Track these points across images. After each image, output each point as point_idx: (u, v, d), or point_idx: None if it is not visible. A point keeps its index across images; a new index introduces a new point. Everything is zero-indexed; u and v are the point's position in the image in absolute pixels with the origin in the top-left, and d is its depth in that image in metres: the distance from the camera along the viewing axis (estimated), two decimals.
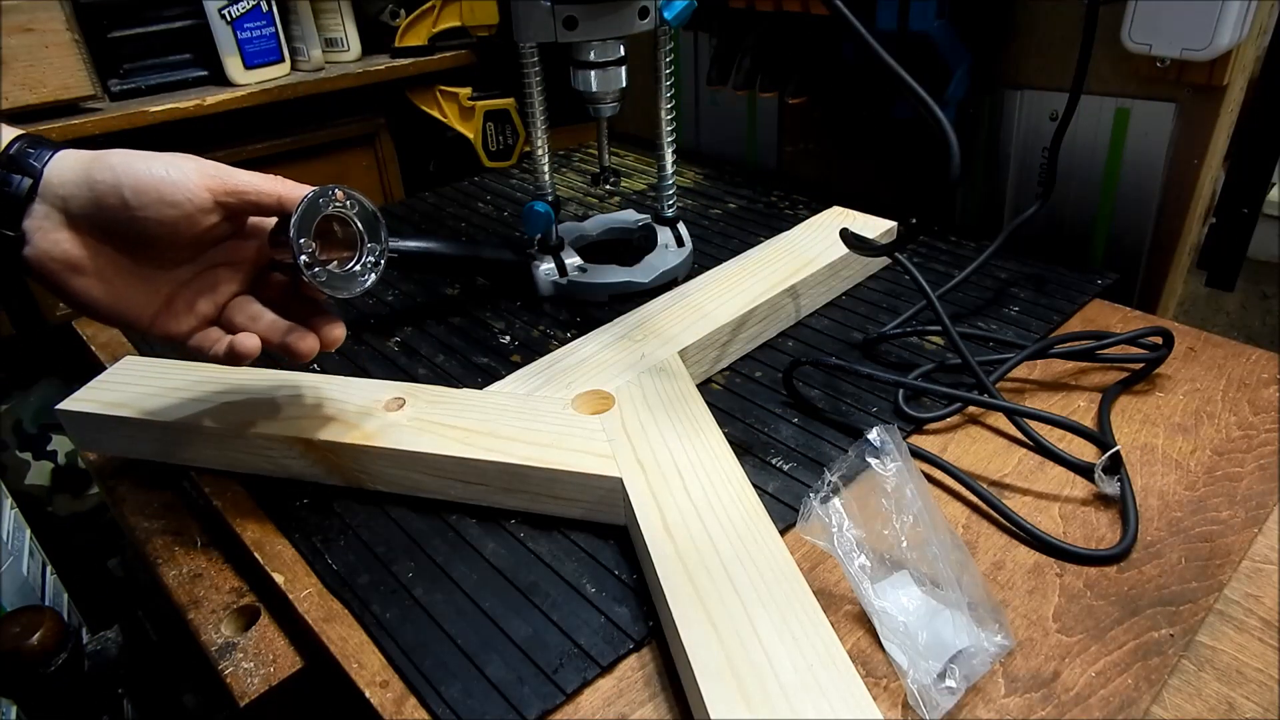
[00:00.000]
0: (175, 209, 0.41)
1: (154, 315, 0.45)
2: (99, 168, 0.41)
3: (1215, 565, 0.44)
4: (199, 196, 0.42)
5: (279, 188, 0.44)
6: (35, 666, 0.64)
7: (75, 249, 0.41)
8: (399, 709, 0.38)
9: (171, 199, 0.41)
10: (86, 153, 0.42)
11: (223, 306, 0.47)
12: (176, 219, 0.41)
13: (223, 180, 0.43)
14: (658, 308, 0.64)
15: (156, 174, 0.41)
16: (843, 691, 0.34)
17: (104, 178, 0.40)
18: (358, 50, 1.23)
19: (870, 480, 0.42)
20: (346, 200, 0.46)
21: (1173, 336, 0.57)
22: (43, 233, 0.40)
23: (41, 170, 0.40)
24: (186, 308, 0.46)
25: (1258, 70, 0.67)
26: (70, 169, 0.41)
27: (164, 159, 0.42)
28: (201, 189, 0.42)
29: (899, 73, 0.47)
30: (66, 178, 0.41)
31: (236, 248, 0.47)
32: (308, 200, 0.44)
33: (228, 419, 0.51)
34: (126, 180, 0.40)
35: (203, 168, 0.42)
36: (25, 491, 1.17)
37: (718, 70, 0.88)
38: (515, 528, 0.48)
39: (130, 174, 0.40)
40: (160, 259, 0.44)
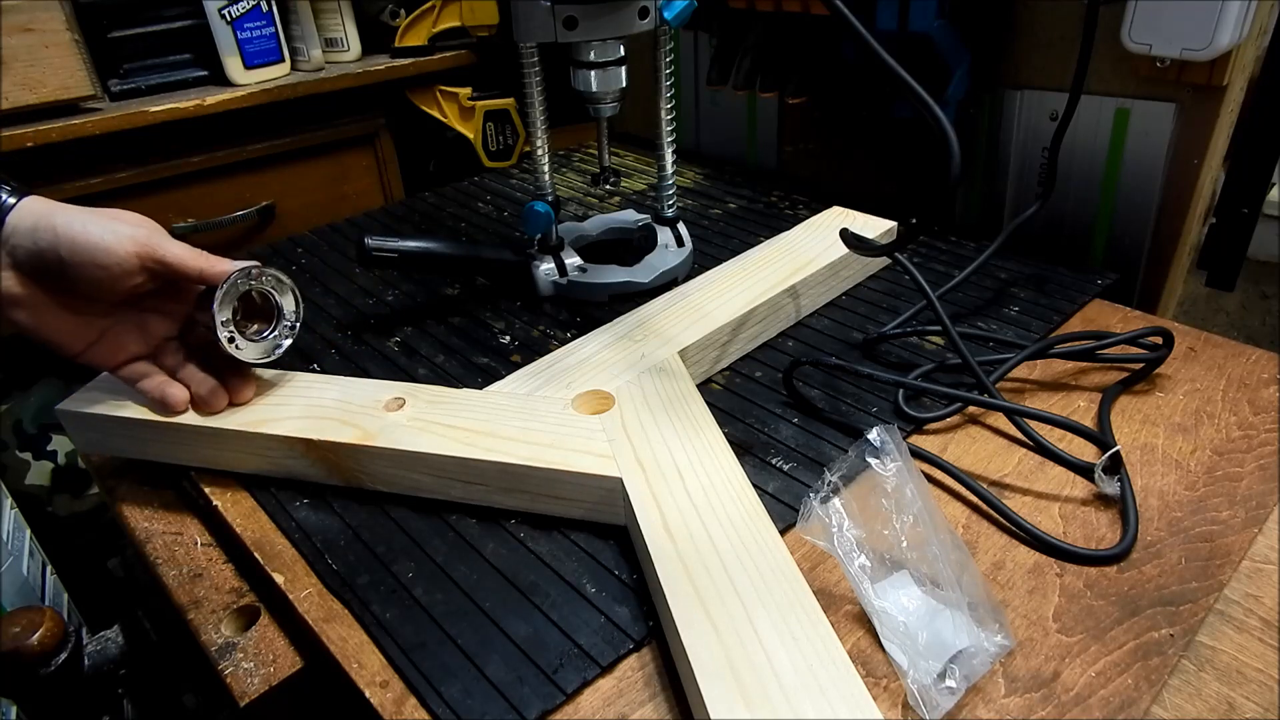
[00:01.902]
0: (104, 270, 0.47)
1: (86, 346, 0.51)
2: (43, 227, 0.46)
3: (1215, 565, 0.44)
4: (127, 262, 0.47)
5: (201, 263, 0.50)
6: (35, 666, 0.63)
7: (20, 289, 0.47)
8: (399, 709, 0.38)
9: (102, 262, 0.47)
10: (41, 206, 0.47)
11: (154, 346, 0.53)
12: (104, 278, 0.47)
13: (151, 250, 0.48)
14: (658, 308, 0.64)
15: (92, 239, 0.46)
16: (843, 691, 0.34)
17: (45, 237, 0.46)
18: (358, 50, 1.23)
19: (870, 480, 0.42)
20: (263, 277, 0.53)
21: (1173, 336, 0.57)
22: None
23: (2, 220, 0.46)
24: (117, 345, 0.52)
25: (1258, 70, 0.67)
26: (24, 221, 0.46)
27: (102, 224, 0.47)
28: (131, 256, 0.47)
29: (899, 73, 0.47)
30: (19, 228, 0.46)
31: (169, 299, 0.53)
32: (228, 284, 0.51)
33: (228, 419, 0.51)
34: (64, 242, 0.46)
35: (136, 235, 0.48)
36: (25, 491, 1.17)
37: (718, 70, 0.88)
38: (515, 528, 0.48)
39: (68, 237, 0.46)
40: (93, 304, 0.49)
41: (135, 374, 0.52)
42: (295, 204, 1.18)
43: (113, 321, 0.51)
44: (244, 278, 0.52)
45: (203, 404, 0.52)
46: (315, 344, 0.67)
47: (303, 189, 1.19)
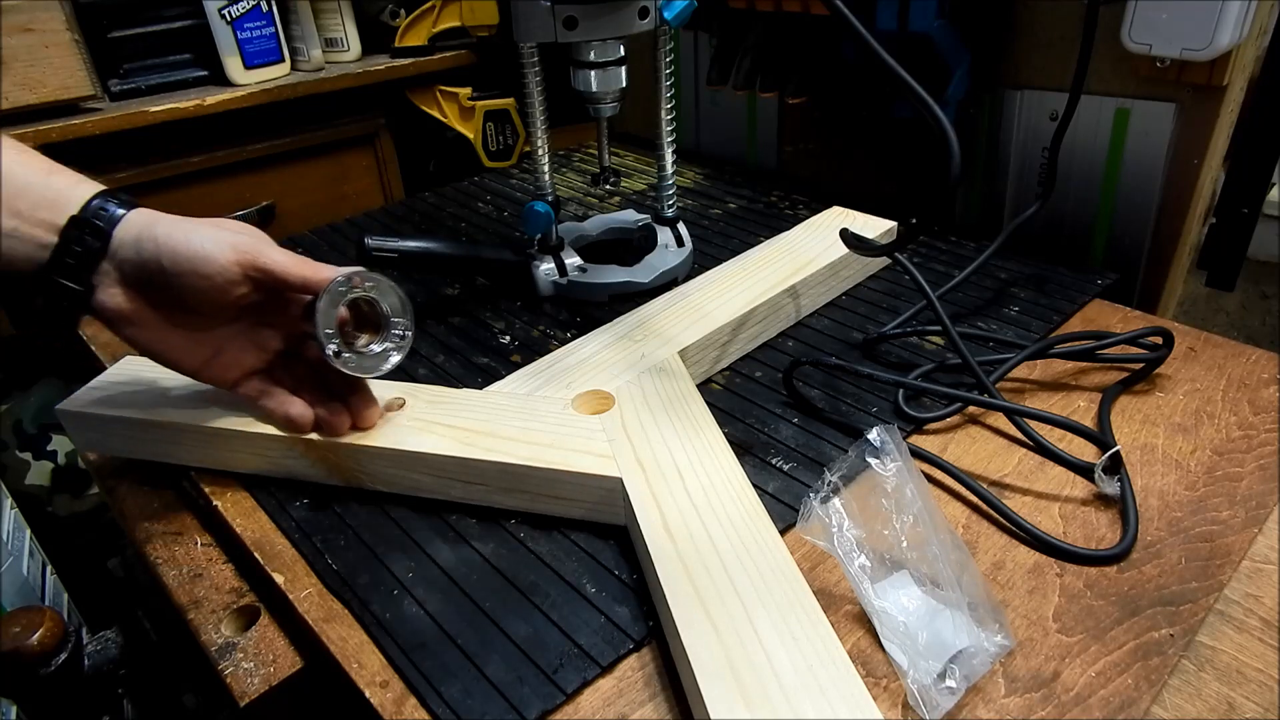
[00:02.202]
0: (207, 280, 0.45)
1: (202, 364, 0.49)
2: (146, 237, 0.45)
3: (1215, 565, 0.44)
4: (229, 271, 0.45)
5: (304, 271, 0.47)
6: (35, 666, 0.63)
7: (130, 304, 0.45)
8: (399, 709, 0.38)
9: (204, 272, 0.45)
10: (145, 217, 0.45)
11: (269, 361, 0.51)
12: (208, 289, 0.45)
13: (254, 257, 0.46)
14: (658, 308, 0.64)
15: (193, 248, 0.44)
16: (843, 691, 0.34)
17: (148, 247, 0.44)
18: (358, 50, 1.23)
19: (870, 480, 0.42)
20: (367, 283, 0.49)
21: (1173, 336, 0.57)
22: (104, 288, 0.45)
23: (111, 232, 0.44)
24: (232, 360, 0.50)
25: (1258, 70, 0.67)
26: (129, 234, 0.45)
27: (204, 232, 0.45)
28: (232, 265, 0.45)
29: (899, 73, 0.47)
30: (125, 241, 0.45)
31: (277, 311, 0.50)
32: (329, 293, 0.47)
33: (228, 419, 0.51)
34: (165, 253, 0.44)
35: (239, 243, 0.46)
36: (25, 491, 1.17)
37: (718, 70, 0.88)
38: (515, 528, 0.48)
39: (170, 247, 0.44)
40: (201, 318, 0.47)
41: (254, 391, 0.50)
42: (295, 204, 1.18)
43: (227, 337, 0.49)
44: (344, 286, 0.48)
45: (324, 426, 0.50)
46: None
47: (303, 189, 1.19)
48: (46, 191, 0.44)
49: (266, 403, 0.50)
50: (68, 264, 0.44)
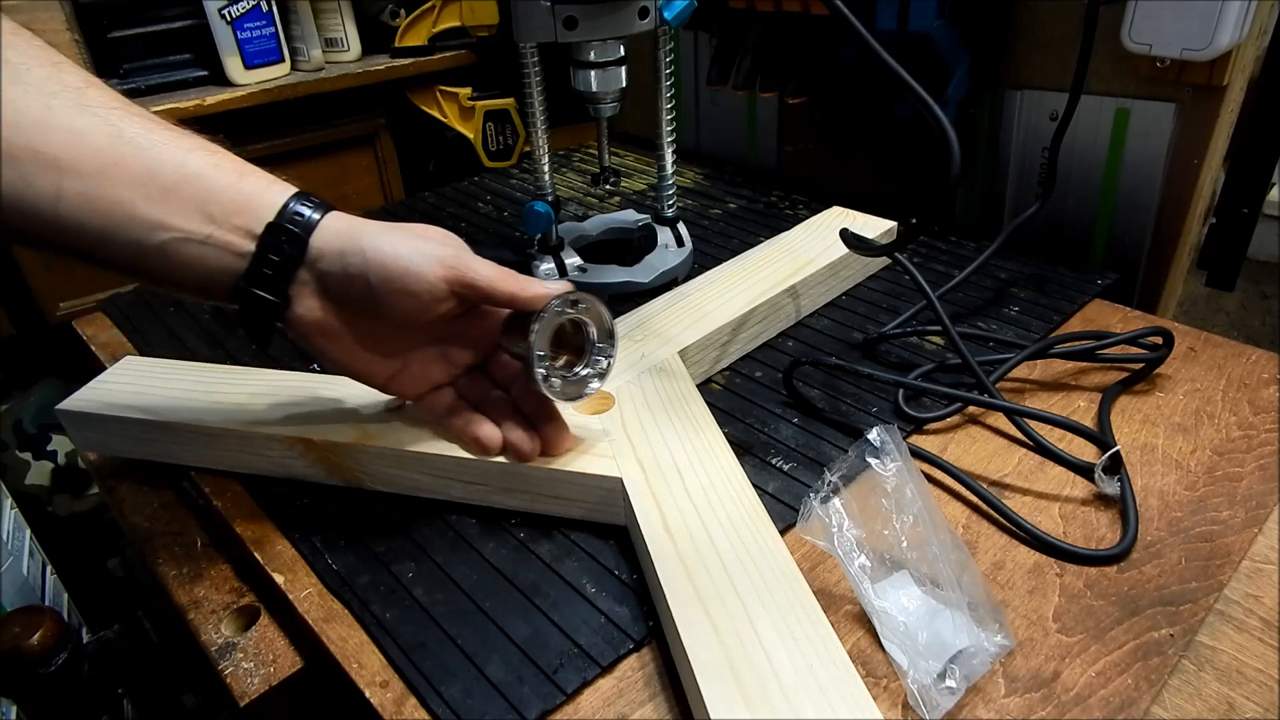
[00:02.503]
0: (413, 298, 0.43)
1: (390, 377, 0.47)
2: (351, 250, 0.42)
3: (1215, 565, 0.44)
4: (437, 288, 0.43)
5: (512, 286, 0.44)
6: (35, 666, 0.64)
7: (325, 316, 0.43)
8: (399, 709, 0.38)
9: (411, 289, 0.42)
10: (345, 224, 0.43)
11: (456, 375, 0.49)
12: (413, 305, 0.43)
13: (460, 272, 0.43)
14: (658, 308, 0.64)
15: (402, 264, 0.42)
16: (843, 691, 0.34)
17: (354, 261, 0.42)
18: (358, 50, 1.23)
19: (870, 480, 0.42)
20: (581, 304, 0.46)
21: (1173, 336, 0.57)
22: (301, 298, 0.43)
23: (308, 240, 0.42)
24: (420, 374, 0.48)
25: (1258, 70, 0.67)
26: (329, 244, 0.42)
27: (410, 242, 0.43)
28: (440, 281, 0.43)
29: (899, 73, 0.47)
30: (325, 251, 0.42)
31: (470, 324, 0.47)
32: (546, 313, 0.44)
33: (228, 419, 0.51)
34: (374, 268, 0.42)
35: (444, 256, 0.43)
36: (25, 491, 1.18)
37: (718, 70, 0.88)
38: (515, 528, 0.48)
39: (378, 262, 0.42)
40: (397, 333, 0.45)
41: (439, 407, 0.48)
42: None
43: (416, 349, 0.47)
44: (563, 304, 0.45)
45: (514, 451, 0.47)
46: None
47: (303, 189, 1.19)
48: (239, 196, 0.41)
49: (454, 420, 0.48)
50: (265, 274, 0.41)
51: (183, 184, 0.39)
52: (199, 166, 0.40)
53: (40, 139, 0.37)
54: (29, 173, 0.37)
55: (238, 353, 0.66)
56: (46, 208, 0.37)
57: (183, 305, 0.74)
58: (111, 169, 0.38)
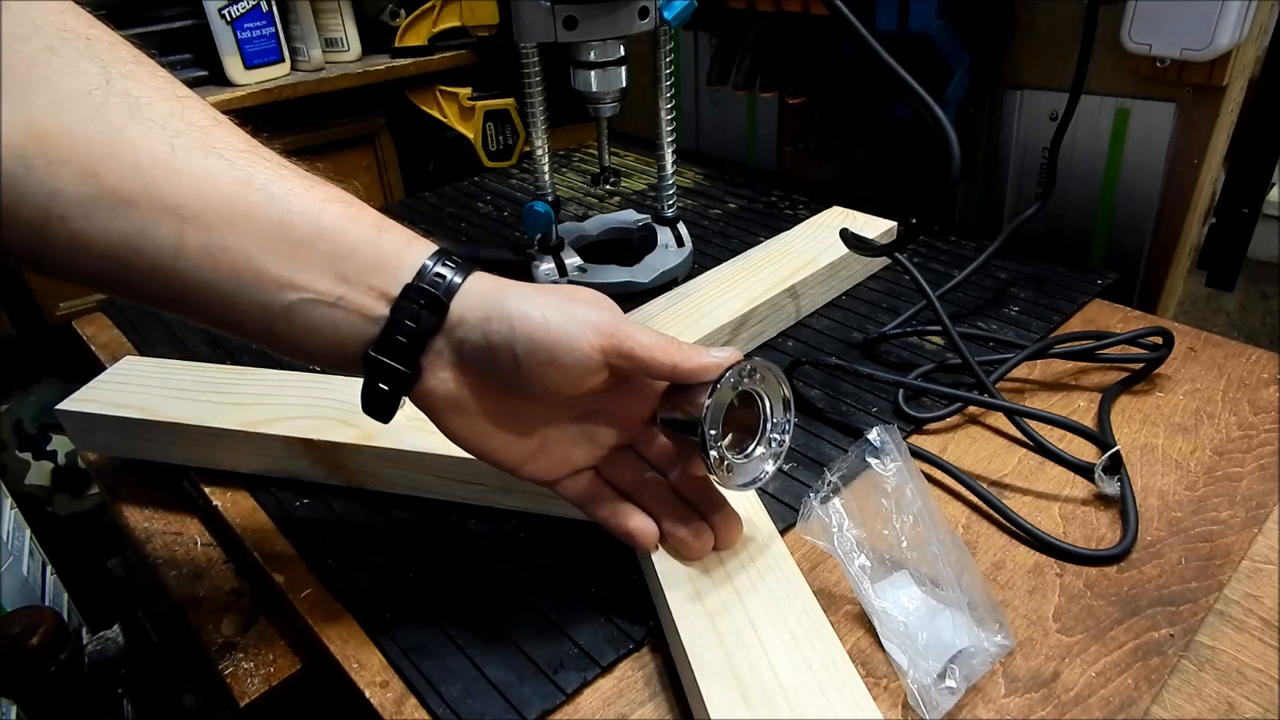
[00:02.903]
0: (563, 370, 0.37)
1: (526, 457, 0.41)
2: (497, 316, 0.37)
3: (1215, 565, 0.44)
4: (591, 359, 0.37)
5: (675, 356, 0.38)
6: (35, 666, 0.64)
7: (459, 390, 0.38)
8: (399, 709, 0.38)
9: (563, 361, 0.37)
10: (489, 287, 0.38)
11: (599, 458, 0.42)
12: (562, 379, 0.38)
13: (618, 342, 0.38)
14: (658, 308, 0.64)
15: (554, 334, 0.37)
16: (843, 691, 0.34)
17: (500, 329, 0.37)
18: (358, 50, 1.23)
19: (870, 480, 0.42)
20: (757, 374, 0.39)
21: (1173, 336, 0.57)
22: (434, 369, 0.38)
23: (448, 305, 0.37)
24: (561, 457, 0.41)
25: (1258, 70, 0.67)
26: (471, 309, 0.37)
27: (563, 309, 0.38)
28: (595, 351, 0.37)
29: (899, 73, 0.47)
30: (466, 318, 0.37)
31: (619, 400, 0.41)
32: (721, 388, 0.37)
33: (228, 419, 0.51)
34: (521, 337, 0.37)
35: (600, 326, 0.38)
36: (25, 491, 1.18)
37: (718, 70, 0.88)
38: (515, 528, 0.48)
39: (525, 331, 0.37)
40: (537, 410, 0.40)
41: (585, 494, 0.42)
42: None
43: (556, 427, 0.41)
44: (737, 375, 0.38)
45: (684, 547, 0.41)
46: None
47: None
48: (376, 254, 0.36)
49: (599, 510, 0.42)
50: (398, 342, 0.36)
51: (316, 239, 0.35)
52: (334, 220, 0.36)
53: (162, 183, 0.33)
54: (148, 221, 0.33)
55: (238, 353, 0.66)
56: (166, 262, 0.33)
57: None
58: (240, 220, 0.34)
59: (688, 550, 0.41)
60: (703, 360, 0.38)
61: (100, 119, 0.32)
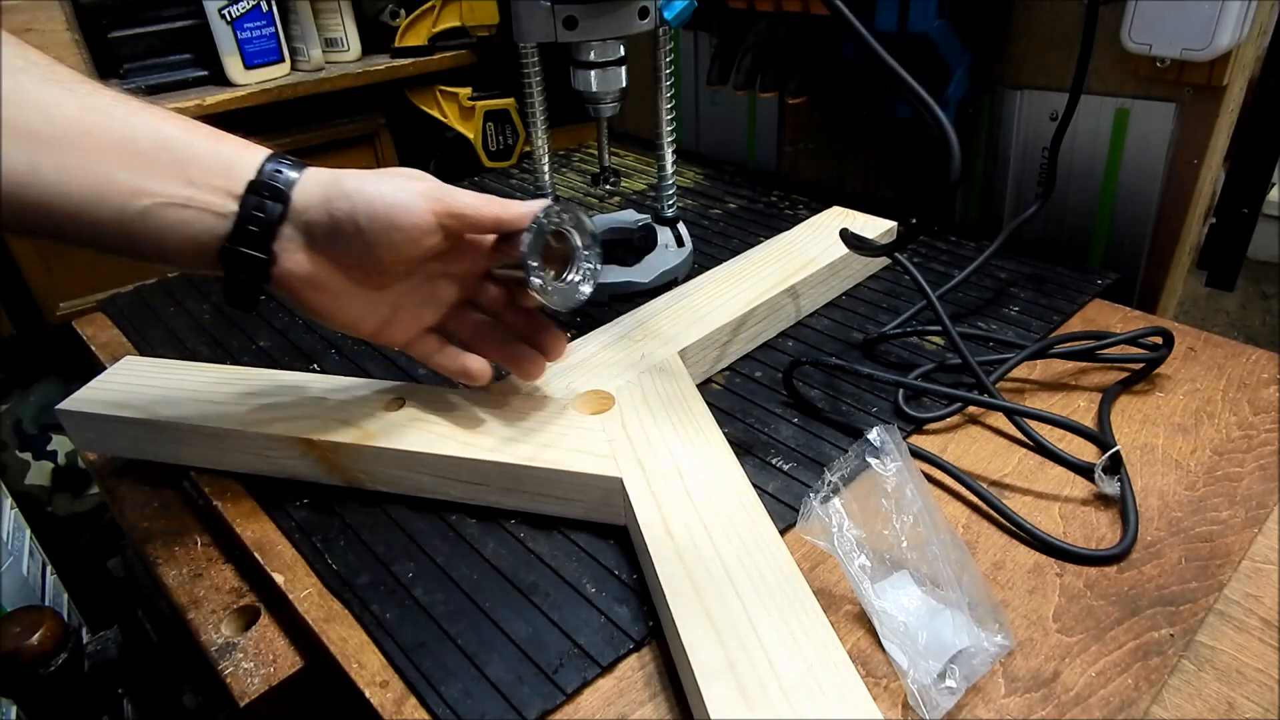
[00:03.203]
0: (403, 233, 0.43)
1: (380, 325, 0.48)
2: (336, 194, 0.43)
3: (1215, 565, 0.44)
4: (424, 220, 0.44)
5: (496, 209, 0.46)
6: (35, 666, 0.64)
7: (312, 267, 0.43)
8: (399, 709, 0.38)
9: (400, 224, 0.43)
10: (325, 174, 0.44)
11: (443, 315, 0.50)
12: (402, 242, 0.44)
13: (445, 203, 0.44)
14: (658, 308, 0.64)
15: (388, 201, 0.43)
16: (843, 691, 0.34)
17: (341, 205, 0.42)
18: (358, 50, 1.23)
19: (870, 480, 0.42)
20: (565, 215, 0.48)
21: (1173, 336, 0.57)
22: (287, 254, 0.43)
23: (290, 195, 0.42)
24: (410, 318, 0.48)
25: (1258, 70, 0.67)
26: (312, 193, 0.43)
27: (393, 183, 0.44)
28: (427, 213, 0.44)
29: (899, 73, 0.47)
30: (309, 203, 0.43)
31: (454, 259, 0.48)
32: (536, 226, 0.46)
33: (228, 419, 0.51)
34: (361, 208, 0.42)
35: (427, 190, 0.44)
36: (25, 491, 1.18)
37: (718, 70, 0.88)
38: (515, 528, 0.48)
39: (364, 202, 0.42)
40: (386, 275, 0.46)
41: (429, 350, 0.50)
42: None
43: (403, 293, 0.48)
44: (549, 216, 0.47)
45: (521, 372, 0.50)
46: (315, 344, 0.67)
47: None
48: (217, 158, 0.42)
49: (441, 360, 0.49)
50: (250, 232, 0.41)
51: (159, 149, 0.40)
52: (174, 132, 0.41)
53: (12, 113, 0.36)
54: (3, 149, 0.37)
55: (238, 353, 0.66)
56: (23, 183, 0.37)
57: (182, 305, 0.74)
58: (86, 139, 0.38)
59: (522, 372, 0.50)
60: (519, 209, 0.46)
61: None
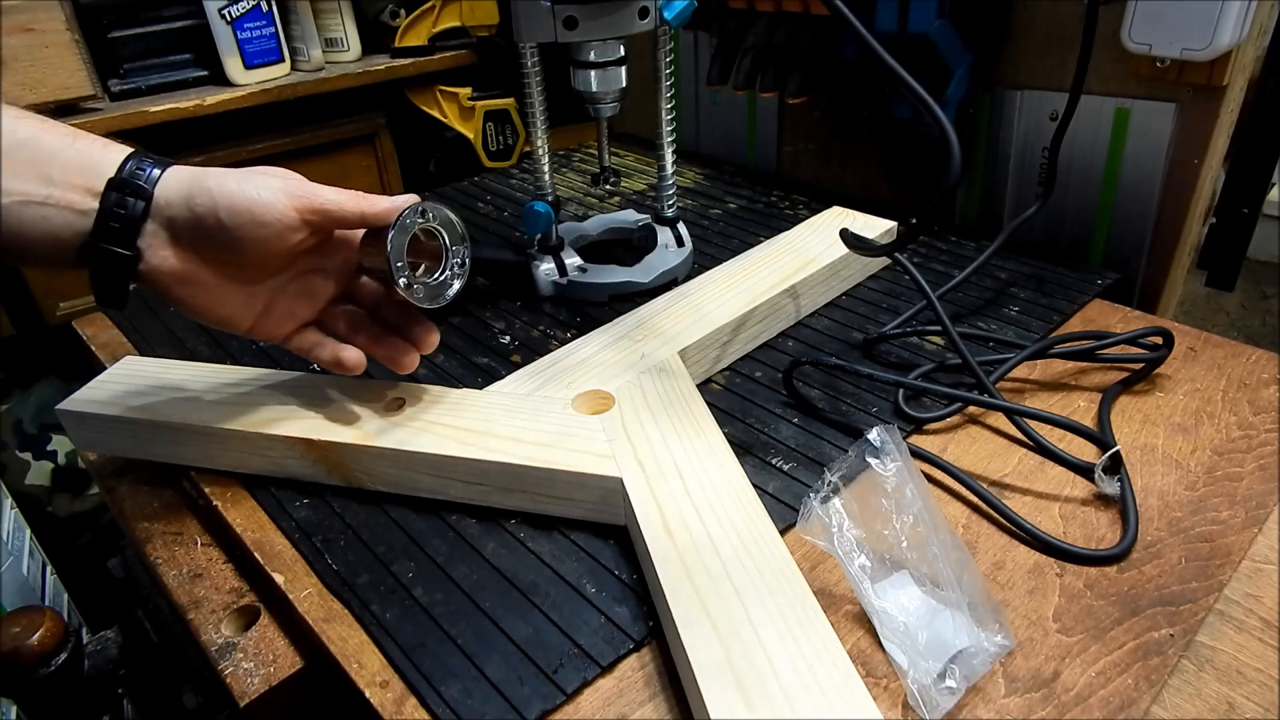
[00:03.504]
0: (266, 229, 0.44)
1: (254, 320, 0.48)
2: (198, 190, 0.43)
3: (1215, 565, 0.44)
4: (287, 216, 0.44)
5: (361, 205, 0.46)
6: (35, 666, 0.63)
7: (180, 263, 0.44)
8: (399, 709, 0.38)
9: (262, 219, 0.44)
10: (188, 172, 0.44)
11: (320, 310, 0.51)
12: (267, 237, 0.44)
13: (308, 199, 0.45)
14: (658, 308, 0.64)
15: (249, 196, 0.43)
16: (843, 691, 0.34)
17: (202, 200, 0.43)
18: (358, 50, 1.23)
19: (870, 480, 0.42)
20: (430, 212, 0.49)
21: (1173, 336, 0.57)
22: (152, 249, 0.43)
23: (152, 192, 0.43)
24: (285, 313, 0.49)
25: (1258, 70, 0.67)
26: (174, 190, 0.43)
27: (255, 181, 0.44)
28: (289, 209, 0.44)
29: (899, 73, 0.47)
30: (172, 199, 0.43)
31: (327, 256, 0.50)
32: (400, 224, 0.47)
33: (228, 419, 0.51)
34: (222, 204, 0.43)
35: (289, 187, 0.45)
36: (25, 491, 1.17)
37: (718, 70, 0.88)
38: (515, 528, 0.48)
39: (225, 197, 0.43)
40: (256, 271, 0.47)
41: (306, 344, 0.51)
42: None
43: (277, 289, 0.49)
44: (414, 215, 0.48)
45: (393, 364, 0.51)
46: None
47: None
48: (76, 156, 0.42)
49: (320, 354, 0.50)
50: (112, 228, 0.42)
51: (15, 149, 0.40)
52: (30, 131, 0.41)
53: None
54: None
55: (238, 353, 0.66)
56: None
57: None
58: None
59: (395, 364, 0.51)
60: (384, 205, 0.47)
61: None
